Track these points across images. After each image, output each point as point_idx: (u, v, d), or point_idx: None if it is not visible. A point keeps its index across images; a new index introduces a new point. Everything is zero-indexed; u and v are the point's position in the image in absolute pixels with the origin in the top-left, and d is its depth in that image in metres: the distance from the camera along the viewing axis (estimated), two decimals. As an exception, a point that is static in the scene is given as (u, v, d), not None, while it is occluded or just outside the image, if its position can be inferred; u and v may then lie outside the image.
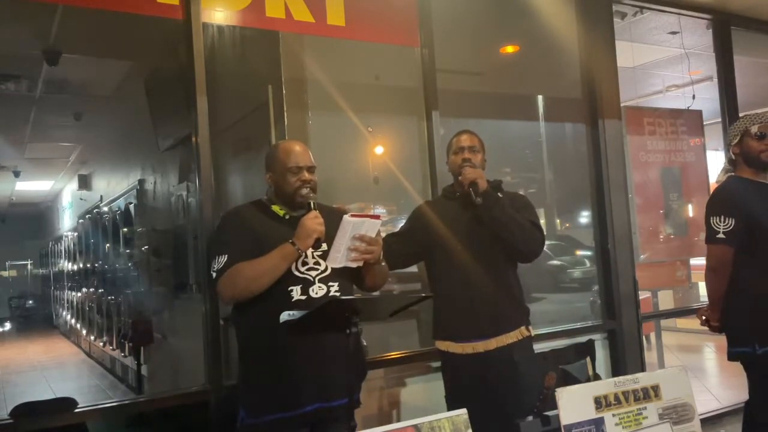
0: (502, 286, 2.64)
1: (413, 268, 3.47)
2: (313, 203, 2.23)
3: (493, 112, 3.87)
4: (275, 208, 2.31)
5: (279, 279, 2.14)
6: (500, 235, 2.56)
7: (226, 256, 2.16)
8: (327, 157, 3.26)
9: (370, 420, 3.14)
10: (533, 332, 2.70)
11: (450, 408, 2.38)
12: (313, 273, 2.20)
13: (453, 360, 2.66)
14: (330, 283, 2.20)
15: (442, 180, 3.38)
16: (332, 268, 2.22)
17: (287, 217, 2.28)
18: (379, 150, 3.70)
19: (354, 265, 2.25)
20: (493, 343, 2.57)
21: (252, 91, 3.50)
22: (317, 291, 2.17)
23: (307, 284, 2.17)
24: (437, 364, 3.31)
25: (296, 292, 2.15)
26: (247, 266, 2.14)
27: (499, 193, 2.64)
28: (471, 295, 2.61)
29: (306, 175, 2.26)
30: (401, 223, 3.67)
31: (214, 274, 2.19)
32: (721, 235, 2.78)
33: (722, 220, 2.78)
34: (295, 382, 2.14)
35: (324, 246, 2.22)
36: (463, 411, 1.54)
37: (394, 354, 3.24)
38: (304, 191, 2.25)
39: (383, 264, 2.41)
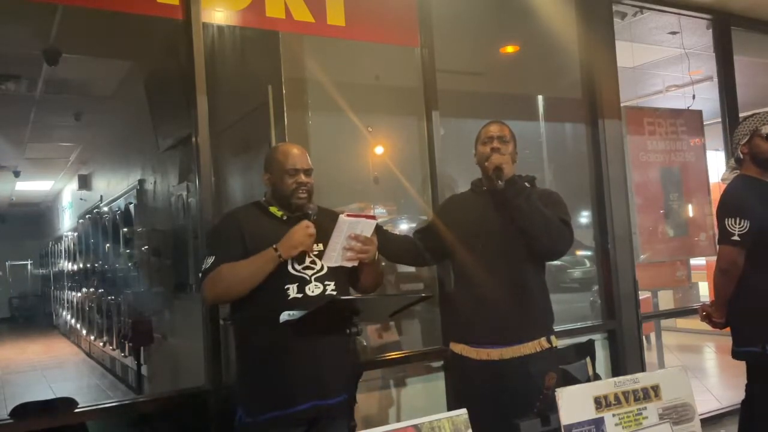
0: (523, 289, 2.47)
1: (411, 268, 3.48)
2: (312, 213, 2.25)
3: (494, 112, 3.87)
4: (273, 209, 2.32)
5: (276, 277, 2.16)
6: (522, 228, 2.38)
7: (214, 257, 2.18)
8: (327, 157, 3.27)
9: (370, 420, 3.14)
10: (556, 343, 2.52)
11: (452, 408, 2.35)
12: (309, 272, 2.21)
13: (466, 363, 2.50)
14: (326, 282, 2.22)
15: (443, 180, 3.38)
16: (328, 268, 2.24)
17: (285, 218, 2.29)
18: (379, 150, 3.70)
19: (349, 264, 2.27)
20: (508, 353, 2.41)
21: (252, 91, 3.50)
22: (313, 289, 2.19)
23: (303, 283, 2.19)
24: (438, 364, 3.33)
25: (293, 290, 2.17)
26: (229, 269, 2.15)
27: (527, 185, 2.46)
28: (487, 297, 2.45)
29: (302, 178, 2.28)
30: (401, 223, 3.68)
31: (201, 275, 2.22)
32: (735, 237, 2.74)
33: (737, 222, 2.74)
34: (290, 380, 2.14)
35: (320, 246, 2.24)
36: (463, 411, 1.54)
37: (395, 354, 3.24)
38: (301, 193, 2.27)
39: (384, 263, 2.41)
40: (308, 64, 3.31)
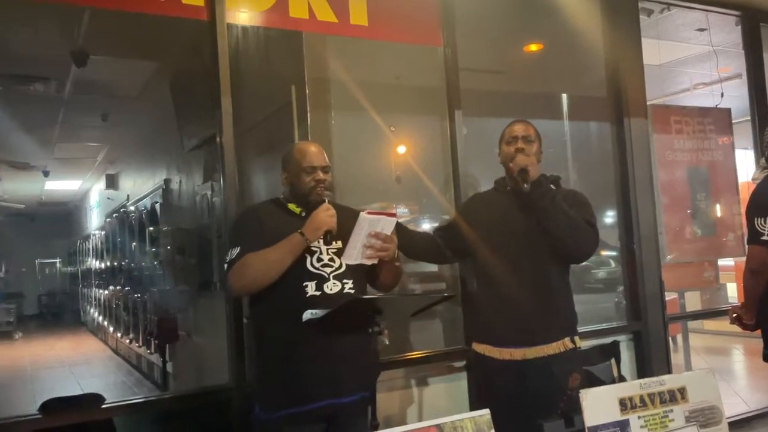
0: (546, 290, 2.45)
1: (433, 267, 3.47)
2: (327, 200, 2.27)
3: (517, 111, 3.84)
4: (291, 206, 2.33)
5: (294, 274, 2.16)
6: (548, 230, 2.37)
7: (239, 248, 2.19)
8: (350, 156, 3.28)
9: (392, 419, 3.14)
10: (580, 344, 2.49)
11: (475, 408, 2.35)
12: (328, 269, 2.21)
13: (489, 363, 2.49)
14: (344, 280, 2.21)
15: (465, 180, 3.37)
16: (347, 266, 2.23)
17: (303, 214, 2.29)
18: (401, 149, 3.70)
19: (369, 262, 2.26)
20: (531, 353, 2.40)
21: (275, 91, 3.52)
22: (332, 287, 2.18)
23: (321, 280, 2.18)
24: (460, 364, 3.32)
25: (311, 288, 2.17)
26: (255, 257, 2.15)
27: (552, 186, 2.45)
28: (510, 297, 2.43)
29: (320, 175, 2.28)
30: (423, 223, 3.68)
31: (226, 266, 2.22)
32: (765, 237, 2.71)
33: (767, 221, 2.72)
34: (305, 378, 2.14)
35: (339, 243, 2.24)
36: (486, 411, 1.53)
37: (416, 354, 3.23)
38: (319, 190, 2.28)
39: (398, 264, 2.40)
40: (331, 64, 3.32)
